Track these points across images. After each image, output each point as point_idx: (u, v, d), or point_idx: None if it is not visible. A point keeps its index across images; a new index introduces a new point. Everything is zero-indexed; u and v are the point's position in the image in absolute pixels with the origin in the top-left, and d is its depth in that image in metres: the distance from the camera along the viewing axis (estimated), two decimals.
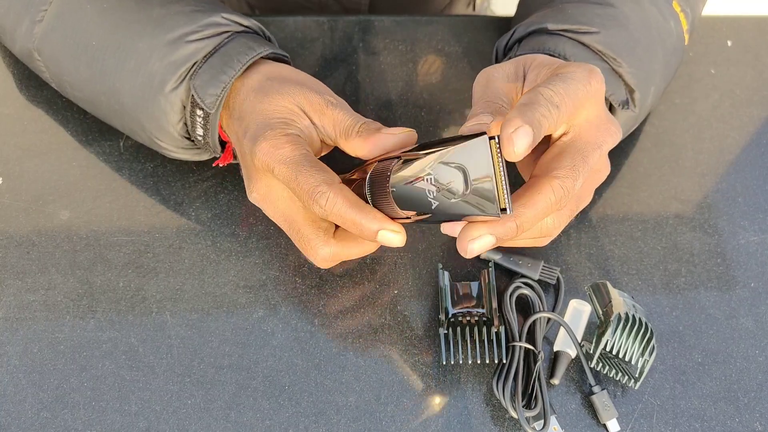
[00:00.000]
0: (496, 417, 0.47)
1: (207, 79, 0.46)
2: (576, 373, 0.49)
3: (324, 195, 0.40)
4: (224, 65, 0.46)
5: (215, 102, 0.46)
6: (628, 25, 0.51)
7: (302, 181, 0.41)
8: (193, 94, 0.46)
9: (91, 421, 0.45)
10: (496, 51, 0.54)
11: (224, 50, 0.47)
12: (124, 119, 0.50)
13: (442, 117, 0.60)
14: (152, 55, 0.47)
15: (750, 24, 0.69)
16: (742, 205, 0.57)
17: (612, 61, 0.49)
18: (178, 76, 0.46)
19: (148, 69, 0.47)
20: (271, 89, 0.45)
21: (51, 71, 0.52)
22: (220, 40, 0.47)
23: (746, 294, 0.53)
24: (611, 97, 0.49)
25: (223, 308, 0.50)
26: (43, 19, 0.49)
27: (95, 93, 0.50)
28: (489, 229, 0.38)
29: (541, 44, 0.49)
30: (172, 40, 0.46)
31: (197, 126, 0.48)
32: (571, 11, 0.51)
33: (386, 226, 0.41)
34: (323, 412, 0.46)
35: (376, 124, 0.44)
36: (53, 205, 0.53)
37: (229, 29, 0.48)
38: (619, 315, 0.46)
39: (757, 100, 0.63)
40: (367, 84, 0.61)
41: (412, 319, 0.50)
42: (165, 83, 0.46)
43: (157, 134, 0.49)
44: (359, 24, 0.64)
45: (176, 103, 0.47)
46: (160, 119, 0.48)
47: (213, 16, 0.47)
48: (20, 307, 0.49)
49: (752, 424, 0.47)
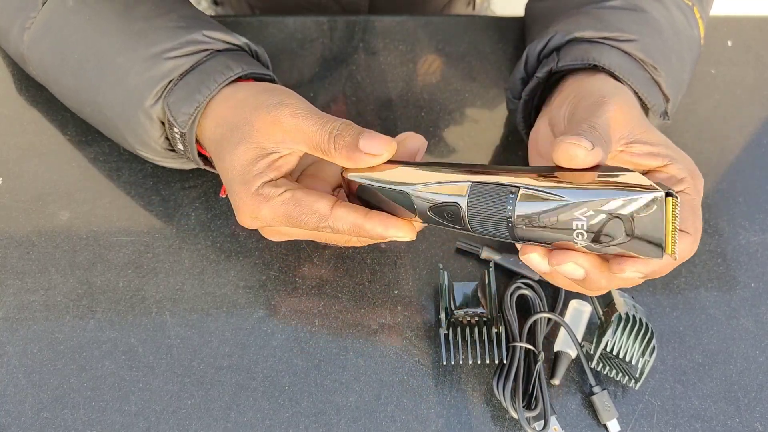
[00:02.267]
0: (496, 417, 0.47)
1: (182, 96, 0.45)
2: (576, 373, 0.48)
3: (331, 223, 0.40)
4: (200, 84, 0.45)
5: (187, 121, 0.45)
6: (662, 31, 0.50)
7: (303, 223, 0.41)
8: (166, 111, 0.45)
9: (91, 421, 0.45)
10: (527, 57, 0.51)
11: (201, 68, 0.45)
12: (109, 131, 0.50)
13: (442, 117, 0.60)
14: (131, 69, 0.46)
15: (750, 24, 0.69)
16: (743, 205, 0.57)
17: (652, 70, 0.48)
18: (156, 92, 0.45)
19: (128, 84, 0.46)
20: (223, 142, 0.43)
21: (40, 78, 0.52)
22: (198, 58, 0.46)
23: (747, 294, 0.53)
24: (654, 108, 0.47)
25: (223, 308, 0.50)
26: (31, 26, 0.49)
27: (80, 104, 0.50)
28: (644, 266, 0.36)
29: (584, 53, 0.47)
30: (151, 55, 0.45)
31: (177, 142, 0.47)
32: (608, 18, 0.49)
33: (391, 230, 0.40)
34: (323, 412, 0.46)
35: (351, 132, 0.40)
36: (53, 205, 0.53)
37: (209, 47, 0.46)
38: (619, 315, 0.46)
39: (758, 100, 0.63)
40: (367, 84, 0.61)
41: (412, 319, 0.50)
42: (144, 99, 0.45)
43: (140, 148, 0.48)
44: (359, 24, 0.64)
45: (155, 119, 0.46)
46: (141, 134, 0.47)
47: (194, 33, 0.46)
48: (20, 307, 0.49)
49: (752, 424, 0.47)
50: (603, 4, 0.51)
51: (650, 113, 0.48)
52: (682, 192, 0.40)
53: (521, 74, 0.52)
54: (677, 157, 0.41)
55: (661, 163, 0.41)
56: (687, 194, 0.40)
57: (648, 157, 0.41)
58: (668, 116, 0.49)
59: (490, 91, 0.62)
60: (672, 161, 0.41)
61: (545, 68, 0.49)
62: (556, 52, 0.50)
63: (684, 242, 0.39)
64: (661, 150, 0.41)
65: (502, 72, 0.63)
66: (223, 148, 0.43)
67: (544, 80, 0.50)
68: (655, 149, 0.41)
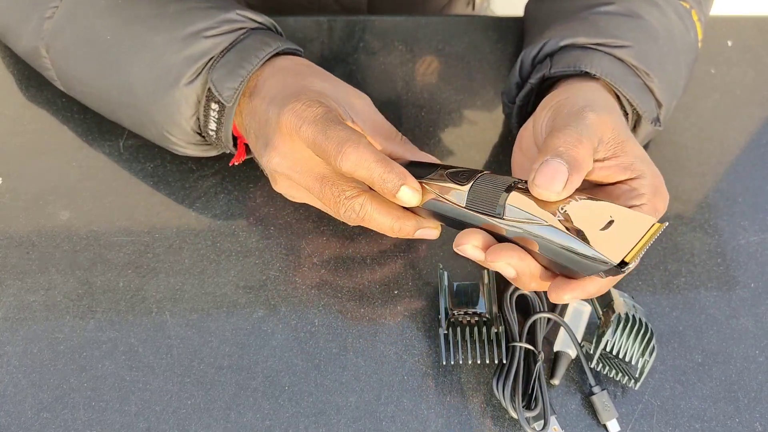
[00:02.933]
0: (496, 417, 0.47)
1: (224, 73, 0.47)
2: (576, 373, 0.49)
3: (353, 145, 0.41)
4: (242, 60, 0.47)
5: (233, 95, 0.46)
6: (657, 38, 0.50)
7: (331, 135, 0.41)
8: (211, 87, 0.47)
9: (91, 421, 0.45)
10: (521, 62, 0.52)
11: (241, 46, 0.47)
12: (135, 113, 0.51)
13: (442, 117, 0.60)
14: (168, 49, 0.47)
15: (750, 24, 0.69)
16: (743, 205, 0.57)
17: (645, 76, 0.48)
18: (195, 70, 0.47)
19: (164, 62, 0.47)
20: (304, 72, 0.47)
21: (58, 67, 0.52)
22: (236, 36, 0.48)
23: (746, 294, 0.53)
24: (645, 114, 0.48)
25: (223, 308, 0.50)
26: (53, 15, 0.50)
27: (105, 87, 0.50)
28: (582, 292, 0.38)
29: (576, 60, 0.48)
30: (188, 35, 0.47)
31: (210, 120, 0.48)
32: (603, 24, 0.49)
33: (409, 183, 0.41)
34: (323, 412, 0.46)
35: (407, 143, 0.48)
36: (53, 205, 0.53)
37: (244, 26, 0.49)
38: (619, 315, 0.46)
39: (758, 100, 0.63)
40: (366, 84, 0.61)
41: (412, 320, 0.50)
42: (181, 76, 0.47)
43: (168, 128, 0.49)
44: (358, 24, 0.64)
45: (191, 96, 0.48)
46: (173, 113, 0.48)
47: (228, 12, 0.48)
48: (20, 307, 0.49)
49: (752, 425, 0.47)
50: (598, 9, 0.51)
51: (642, 119, 0.49)
52: (637, 206, 0.40)
53: (516, 79, 0.53)
54: (647, 173, 0.41)
55: (629, 176, 0.41)
56: (640, 207, 0.40)
57: (617, 169, 0.41)
58: (660, 122, 0.49)
59: (489, 91, 0.62)
60: (640, 176, 0.41)
61: (538, 74, 0.50)
62: (549, 59, 0.50)
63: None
64: (633, 164, 0.41)
65: (501, 72, 0.63)
66: (305, 72, 0.47)
67: (537, 86, 0.51)
68: (627, 161, 0.41)
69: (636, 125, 0.50)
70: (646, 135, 0.51)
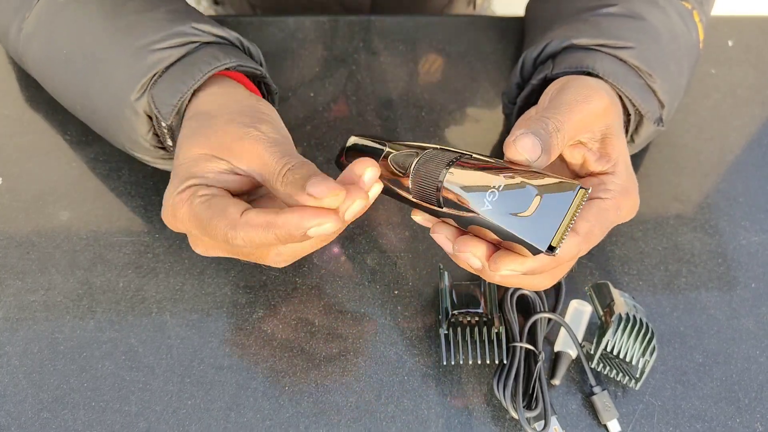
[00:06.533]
0: (496, 417, 0.47)
1: (165, 88, 0.44)
2: (577, 373, 0.48)
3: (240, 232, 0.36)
4: (184, 74, 0.44)
5: (171, 112, 0.44)
6: (659, 39, 0.50)
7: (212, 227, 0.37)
8: (151, 103, 0.44)
9: (91, 421, 0.45)
10: (522, 63, 0.52)
11: (187, 60, 0.44)
12: (103, 130, 0.49)
13: (442, 117, 0.60)
14: (118, 64, 0.45)
15: (751, 24, 0.69)
16: (743, 206, 0.57)
17: (647, 77, 0.48)
18: (141, 85, 0.44)
19: (115, 79, 0.45)
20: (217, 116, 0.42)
21: (37, 77, 0.51)
22: (186, 50, 0.45)
23: (747, 294, 0.53)
24: (648, 114, 0.48)
25: (223, 308, 0.50)
26: (25, 24, 0.48)
27: (72, 102, 0.49)
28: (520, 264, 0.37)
29: (579, 61, 0.48)
30: (137, 48, 0.44)
31: (166, 137, 0.46)
32: (606, 25, 0.49)
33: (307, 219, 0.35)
34: (323, 412, 0.46)
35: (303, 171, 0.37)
36: (53, 205, 0.53)
37: (197, 39, 0.45)
38: (619, 315, 0.46)
39: (758, 100, 0.63)
40: (367, 84, 0.61)
41: (412, 320, 0.50)
42: (129, 93, 0.44)
43: (130, 145, 0.47)
44: (359, 24, 0.64)
45: (141, 113, 0.45)
46: (129, 131, 0.46)
47: (182, 25, 0.45)
48: (20, 308, 0.49)
49: (753, 425, 0.47)
50: (600, 11, 0.51)
51: (644, 120, 0.49)
52: (600, 198, 0.40)
53: (517, 80, 0.52)
54: (622, 173, 0.42)
55: (603, 168, 0.42)
56: (603, 200, 0.40)
57: (594, 155, 0.42)
58: (663, 122, 0.49)
59: (490, 91, 0.62)
60: (614, 173, 0.41)
61: (540, 75, 0.49)
62: (551, 59, 0.50)
63: (570, 241, 0.38)
64: (611, 157, 0.42)
65: (502, 72, 0.63)
66: (185, 134, 0.42)
67: (538, 87, 0.50)
68: (605, 152, 0.42)
69: (638, 126, 0.50)
70: (648, 136, 0.51)
